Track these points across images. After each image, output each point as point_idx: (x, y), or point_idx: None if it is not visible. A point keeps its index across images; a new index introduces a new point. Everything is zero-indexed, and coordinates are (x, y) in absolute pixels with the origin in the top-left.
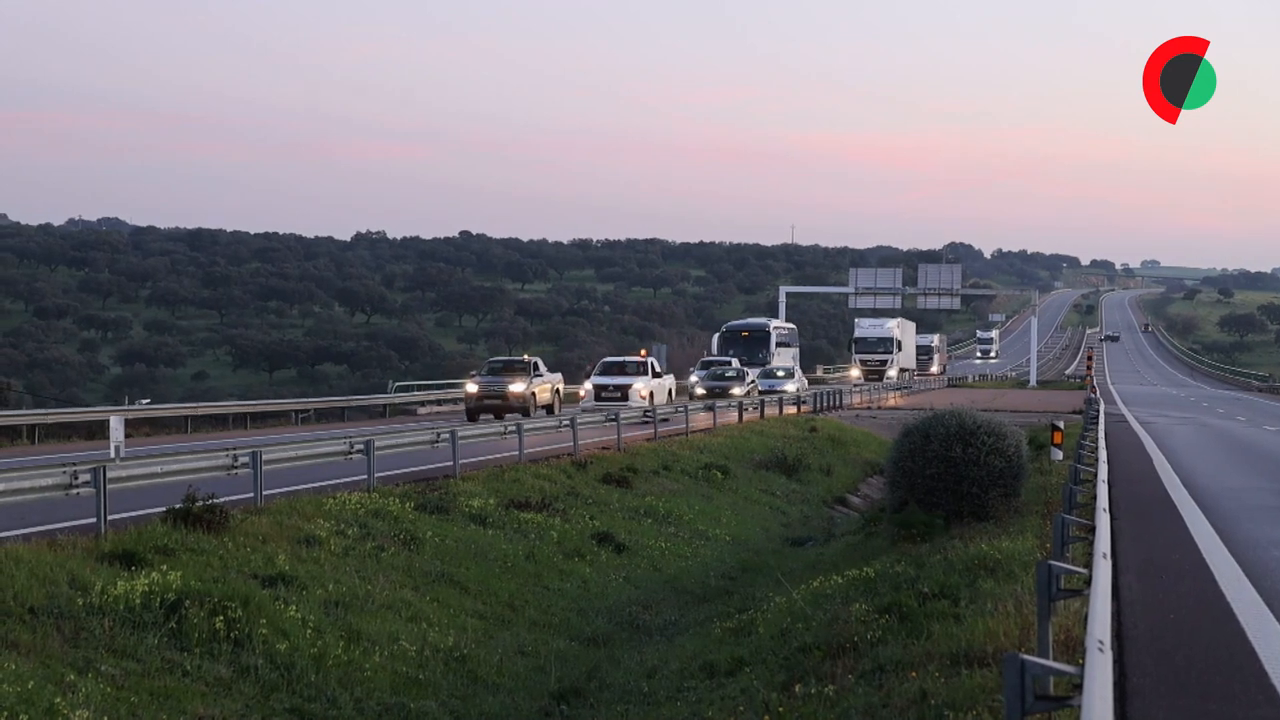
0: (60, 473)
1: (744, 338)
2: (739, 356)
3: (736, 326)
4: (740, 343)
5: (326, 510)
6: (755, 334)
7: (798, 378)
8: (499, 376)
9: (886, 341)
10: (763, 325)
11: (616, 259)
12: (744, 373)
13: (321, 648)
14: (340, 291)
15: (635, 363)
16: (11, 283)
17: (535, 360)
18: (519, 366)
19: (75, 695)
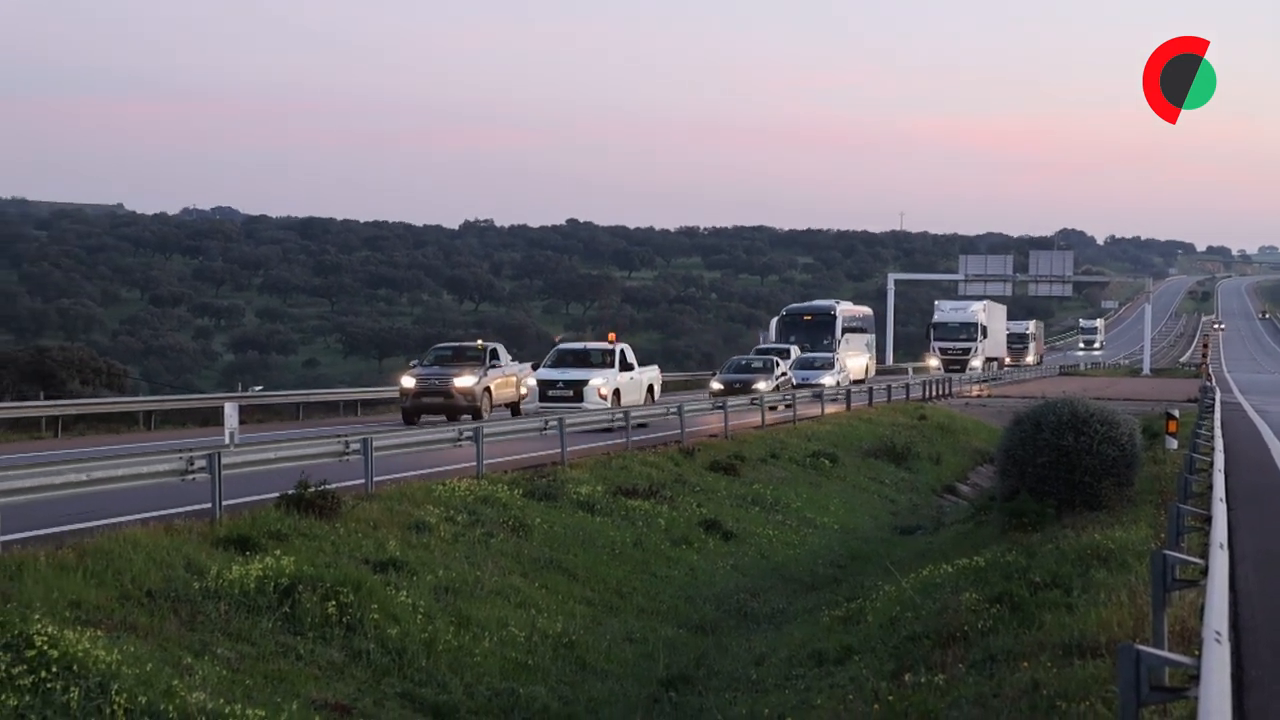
0: (177, 459)
1: (806, 322)
2: (801, 343)
3: (798, 310)
4: (802, 328)
5: (436, 496)
6: (819, 318)
7: (838, 369)
8: (444, 367)
9: (969, 327)
10: (827, 308)
11: (723, 246)
12: (774, 363)
13: (432, 633)
14: (449, 279)
15: (599, 351)
16: (128, 271)
17: (493, 347)
18: (470, 355)
19: (192, 677)
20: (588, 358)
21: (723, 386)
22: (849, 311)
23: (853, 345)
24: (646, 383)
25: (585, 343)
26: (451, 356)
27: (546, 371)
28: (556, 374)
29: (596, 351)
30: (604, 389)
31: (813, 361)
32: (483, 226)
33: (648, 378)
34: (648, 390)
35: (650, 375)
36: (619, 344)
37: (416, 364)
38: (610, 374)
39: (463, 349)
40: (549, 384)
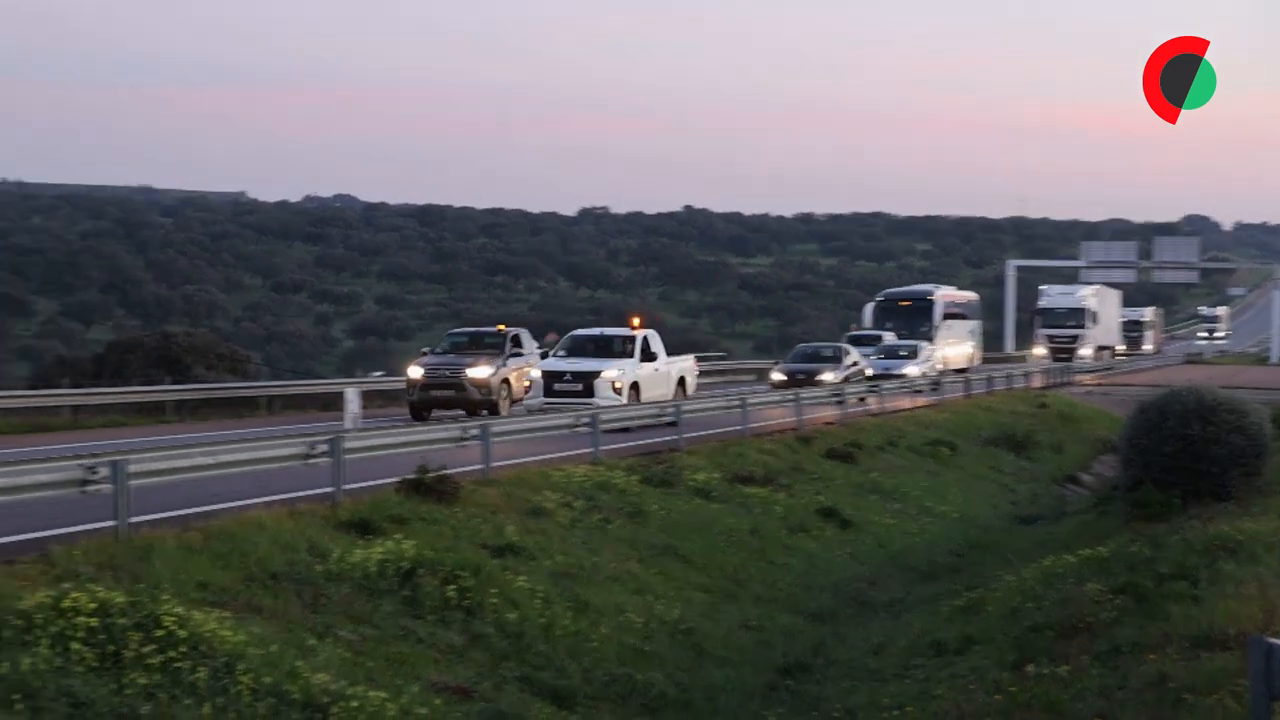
0: (300, 443)
1: (903, 308)
2: (897, 330)
3: (895, 294)
4: (898, 314)
5: (554, 482)
6: (917, 303)
7: (924, 358)
8: (459, 356)
9: (1078, 313)
10: (925, 293)
11: (840, 233)
12: (842, 351)
13: (550, 618)
14: (565, 266)
15: (619, 338)
16: (251, 258)
17: (516, 332)
18: (489, 341)
19: (315, 659)
20: (609, 345)
21: (784, 378)
22: (949, 296)
23: (953, 332)
24: (676, 375)
25: (605, 328)
26: (468, 343)
27: (553, 362)
28: (564, 364)
29: (618, 339)
30: (619, 382)
31: (896, 350)
32: (599, 214)
33: (678, 370)
34: (678, 384)
35: (682, 367)
36: (643, 330)
37: (428, 351)
38: (628, 365)
39: (481, 335)
40: (555, 376)
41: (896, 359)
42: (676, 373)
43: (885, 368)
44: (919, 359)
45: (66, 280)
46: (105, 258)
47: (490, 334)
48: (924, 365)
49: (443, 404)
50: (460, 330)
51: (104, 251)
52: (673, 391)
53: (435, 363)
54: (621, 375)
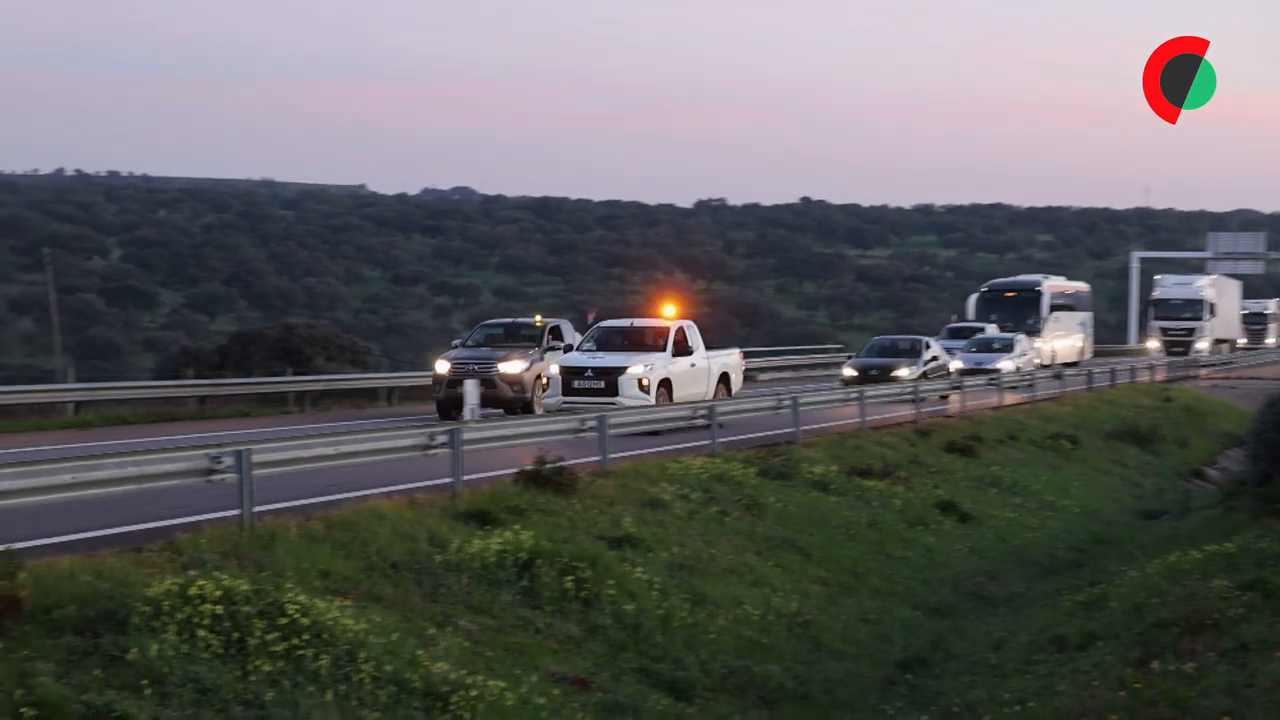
0: (419, 434)
1: (1009, 299)
2: (1001, 322)
3: (1000, 285)
4: (1004, 305)
5: (670, 474)
6: (1022, 294)
7: (1020, 352)
8: (492, 349)
9: (1194, 304)
10: (1032, 283)
11: (959, 224)
12: (921, 345)
13: (667, 609)
14: (681, 258)
15: (650, 330)
16: (371, 250)
17: (556, 324)
18: (525, 333)
19: (435, 648)
20: (639, 338)
21: (856, 373)
22: (1057, 287)
23: (1062, 324)
24: (717, 371)
25: (635, 319)
26: (503, 335)
27: (574, 356)
28: (586, 359)
29: (650, 331)
30: (646, 379)
31: (990, 343)
32: (716, 205)
33: (719, 365)
34: (719, 381)
35: (725, 362)
36: (677, 320)
37: (459, 343)
38: (658, 360)
39: (517, 326)
40: (574, 372)
41: (990, 353)
42: (718, 368)
43: (977, 362)
44: (1014, 353)
45: (190, 272)
46: (228, 250)
47: (526, 325)
48: (1019, 359)
49: None
50: (495, 321)
51: (227, 244)
52: (713, 390)
53: (465, 356)
54: (649, 371)
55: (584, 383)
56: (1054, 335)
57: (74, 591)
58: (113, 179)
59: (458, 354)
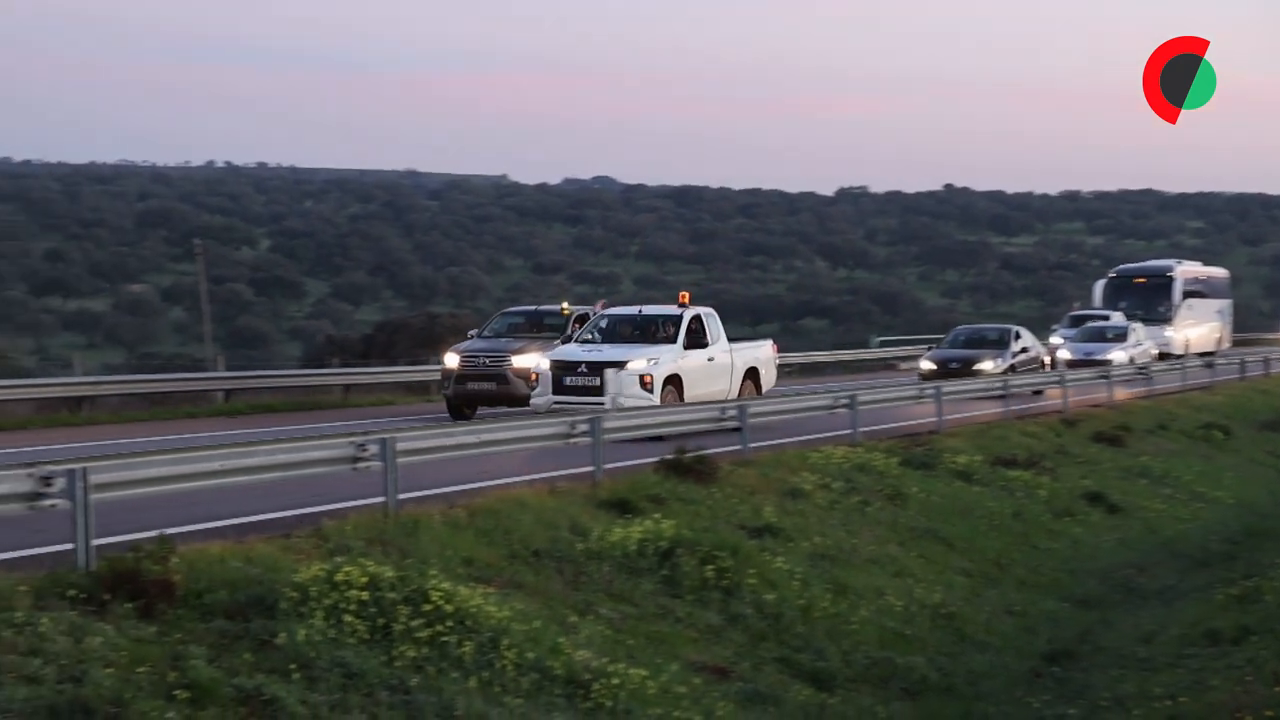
0: (561, 423)
1: (1138, 285)
2: (1130, 311)
3: (1129, 271)
4: (1133, 291)
5: (811, 464)
6: (1154, 279)
7: (1133, 342)
8: (508, 340)
9: None
10: (1164, 269)
11: (1107, 210)
12: (1010, 335)
13: (808, 599)
14: (822, 246)
15: (659, 319)
16: (512, 240)
17: (584, 311)
18: (549, 323)
19: (577, 636)
20: (647, 329)
21: (935, 367)
22: (1191, 273)
23: (1196, 312)
24: (742, 367)
25: (644, 307)
26: (524, 324)
27: (568, 350)
28: (580, 353)
29: (659, 320)
30: (650, 375)
31: (1102, 332)
32: (857, 193)
33: (745, 359)
34: (745, 378)
35: (752, 356)
36: (694, 308)
37: (474, 334)
38: (665, 353)
39: (540, 315)
40: (566, 368)
41: (1101, 342)
42: (742, 364)
43: (1086, 353)
44: (1128, 342)
45: (336, 262)
46: (373, 240)
47: (551, 314)
48: (1134, 350)
49: (483, 399)
50: (516, 309)
51: (372, 234)
52: (736, 388)
53: (477, 349)
54: (652, 367)
55: (577, 379)
56: (1186, 324)
57: (224, 576)
58: (261, 170)
59: (470, 346)
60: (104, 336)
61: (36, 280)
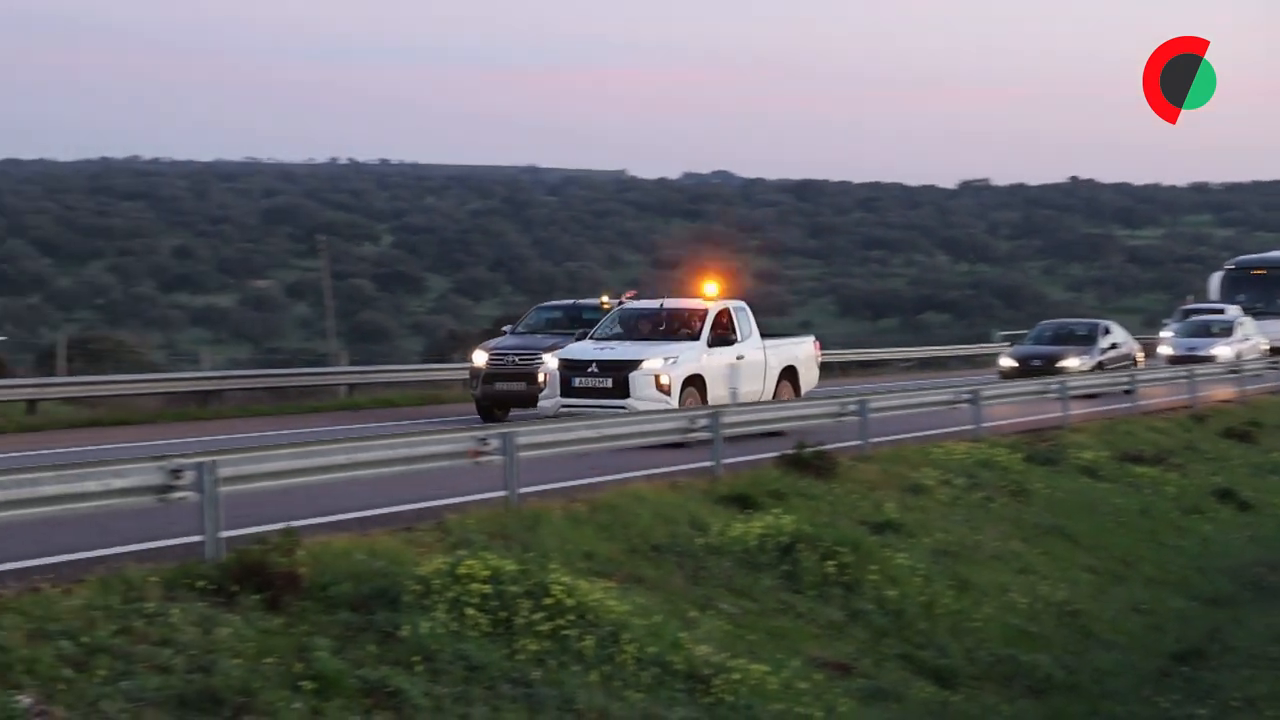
0: (680, 418)
1: (1256, 277)
2: (1250, 303)
3: (1248, 262)
4: (1252, 284)
5: (933, 459)
6: (1273, 271)
7: (1240, 337)
8: (543, 337)
9: None
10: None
11: (1237, 202)
12: (1100, 329)
13: (930, 596)
14: (944, 239)
15: (684, 312)
16: (631, 235)
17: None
18: (588, 318)
19: (697, 630)
20: (672, 324)
21: (1015, 364)
22: None
23: None
24: (777, 366)
25: (667, 300)
26: (563, 320)
27: (579, 348)
28: (592, 351)
29: (684, 314)
30: (665, 376)
31: (1208, 327)
32: (979, 186)
33: (780, 358)
34: (780, 378)
35: (789, 354)
36: (722, 301)
37: (509, 331)
38: (686, 351)
39: (578, 309)
40: (575, 367)
41: (1205, 337)
42: (777, 362)
43: (1189, 348)
44: (1234, 337)
45: (457, 257)
46: (493, 235)
47: (590, 308)
48: (1241, 345)
49: (513, 400)
50: (553, 304)
51: (492, 229)
52: (770, 389)
53: (507, 347)
54: (670, 367)
55: (587, 380)
56: None
57: (349, 569)
58: (384, 167)
59: (501, 343)
60: (230, 332)
61: (165, 277)
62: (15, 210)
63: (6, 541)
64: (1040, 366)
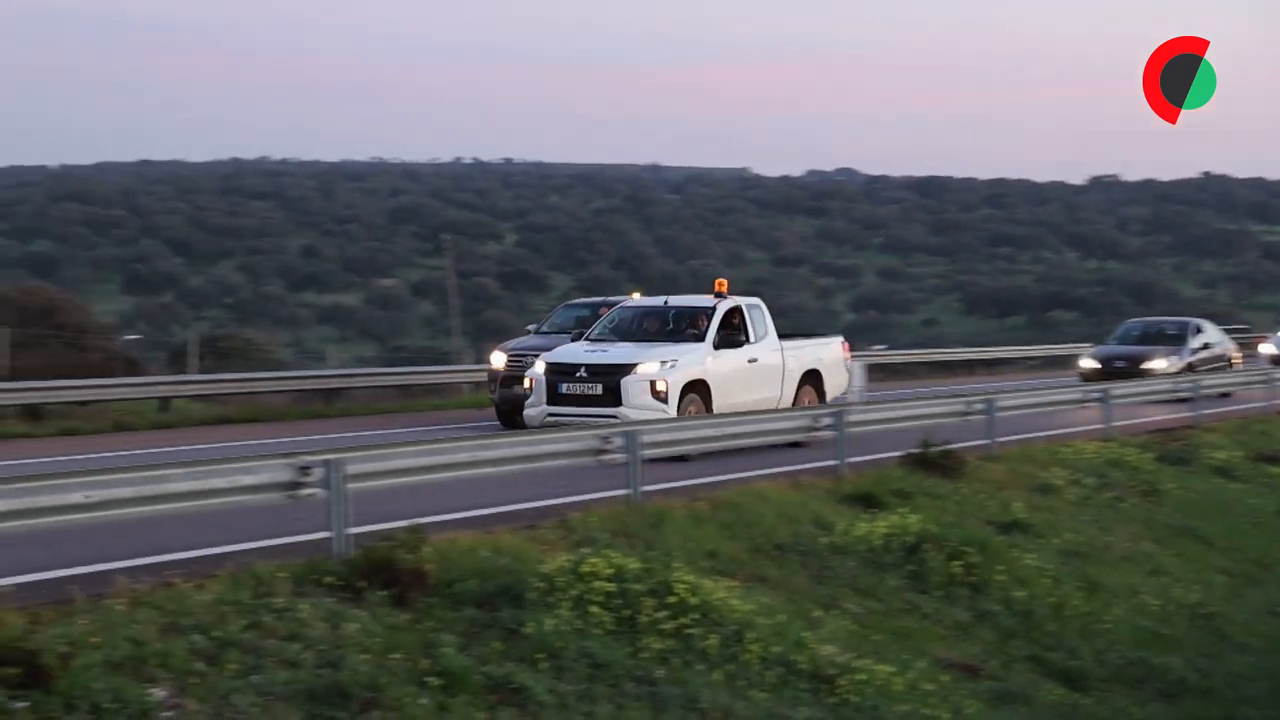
0: (803, 416)
1: None
2: None
3: None
4: None
5: (1061, 458)
6: None
7: None
8: (565, 338)
9: None
10: None
11: None
12: (1190, 328)
13: (1059, 597)
14: (1071, 236)
15: (688, 311)
16: (754, 232)
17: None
18: None
19: (821, 630)
20: (676, 324)
21: (1098, 365)
22: None
23: None
24: (798, 370)
25: (671, 298)
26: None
27: (568, 350)
28: (582, 353)
29: (688, 313)
30: (663, 382)
31: None
32: (1109, 182)
33: (802, 360)
34: (803, 382)
35: (813, 356)
36: (732, 299)
37: (533, 329)
38: (687, 354)
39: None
40: (563, 372)
41: None
42: (798, 366)
43: None
44: None
45: (580, 256)
46: (615, 234)
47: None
48: None
49: None
50: (581, 301)
51: (614, 228)
52: (789, 395)
53: (527, 347)
54: (667, 371)
55: (575, 387)
56: None
57: (474, 566)
58: (507, 166)
59: (521, 343)
60: (356, 330)
61: (293, 276)
62: (149, 211)
63: (140, 537)
64: (1124, 368)
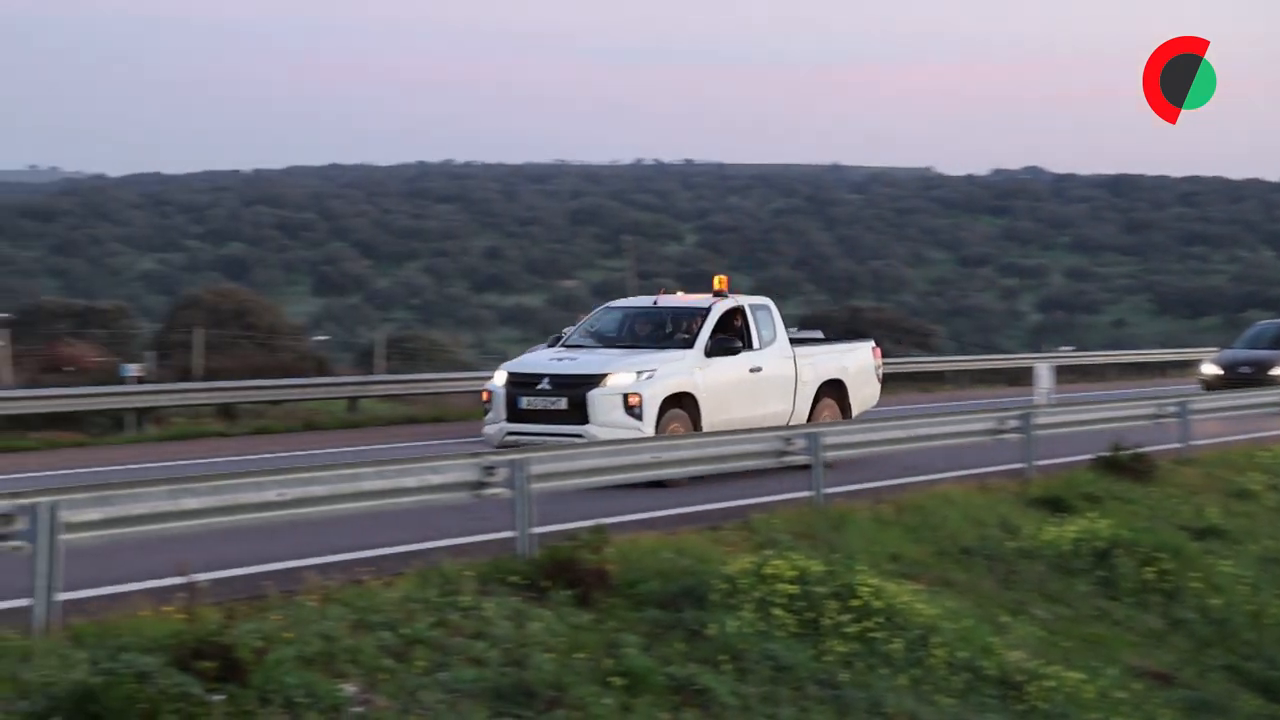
0: (989, 418)
1: None
2: None
3: None
4: None
5: (1259, 463)
6: None
7: None
8: None
9: None
10: None
11: None
12: None
13: (1258, 605)
14: (1269, 234)
15: (679, 313)
16: (936, 232)
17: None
18: None
19: (1008, 636)
20: (666, 327)
21: (1221, 372)
22: None
23: None
24: (814, 380)
25: (662, 297)
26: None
27: (532, 359)
28: (546, 362)
29: (679, 315)
30: (636, 395)
31: None
32: None
33: (818, 370)
34: (822, 395)
35: (833, 365)
36: (732, 299)
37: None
38: (669, 363)
39: None
40: (523, 384)
41: None
42: (814, 375)
43: None
44: None
45: (760, 256)
46: (796, 234)
47: None
48: None
49: None
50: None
51: (795, 228)
52: (803, 408)
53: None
54: (642, 383)
55: (536, 401)
56: None
57: (656, 567)
58: (688, 167)
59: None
60: (539, 330)
61: (477, 277)
62: (337, 214)
63: (331, 535)
64: (1250, 375)
